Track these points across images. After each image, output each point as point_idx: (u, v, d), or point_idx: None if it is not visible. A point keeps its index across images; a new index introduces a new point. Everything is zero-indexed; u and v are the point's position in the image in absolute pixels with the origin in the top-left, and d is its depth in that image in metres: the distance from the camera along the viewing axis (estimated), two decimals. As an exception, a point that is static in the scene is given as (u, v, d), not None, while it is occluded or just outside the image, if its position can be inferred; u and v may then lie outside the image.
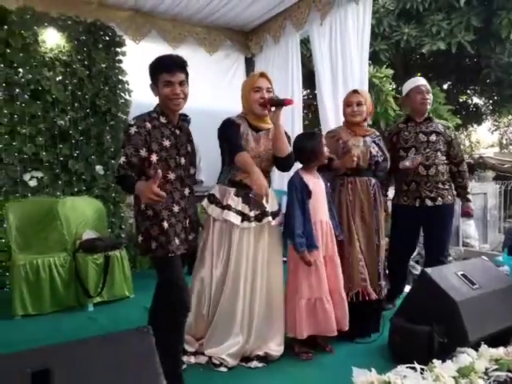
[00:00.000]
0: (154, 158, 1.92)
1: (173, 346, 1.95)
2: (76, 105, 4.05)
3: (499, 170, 11.56)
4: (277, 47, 5.03)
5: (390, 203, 3.14)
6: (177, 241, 1.97)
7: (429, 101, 2.98)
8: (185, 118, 2.14)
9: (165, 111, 2.00)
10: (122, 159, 1.87)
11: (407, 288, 3.05)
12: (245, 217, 2.28)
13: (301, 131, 4.75)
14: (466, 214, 3.03)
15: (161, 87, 1.95)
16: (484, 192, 7.79)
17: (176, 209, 1.98)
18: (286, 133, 2.36)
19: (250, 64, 5.63)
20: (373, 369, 1.75)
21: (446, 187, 2.94)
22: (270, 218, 2.33)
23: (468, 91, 10.53)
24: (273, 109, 2.25)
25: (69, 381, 1.32)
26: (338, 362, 2.25)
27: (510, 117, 12.74)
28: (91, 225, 3.58)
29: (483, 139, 17.84)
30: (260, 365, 2.24)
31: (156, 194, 1.65)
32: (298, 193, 2.36)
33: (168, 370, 1.81)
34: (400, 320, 2.26)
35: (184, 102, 1.99)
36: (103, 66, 4.20)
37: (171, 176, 1.97)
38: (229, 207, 2.28)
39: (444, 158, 2.93)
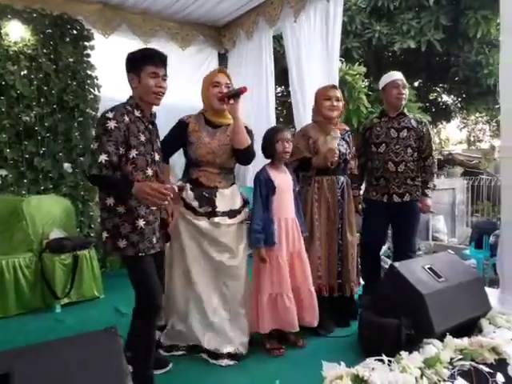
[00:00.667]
0: (133, 153, 1.87)
1: (143, 349, 1.92)
2: (42, 100, 3.92)
3: (467, 166, 11.92)
4: (250, 43, 5.01)
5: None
6: (154, 239, 1.93)
7: (404, 96, 2.99)
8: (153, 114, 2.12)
9: (140, 104, 1.95)
10: (104, 157, 1.77)
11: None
12: (195, 212, 2.32)
13: (274, 127, 4.77)
14: (422, 209, 3.00)
15: (145, 78, 1.89)
16: (452, 187, 8.01)
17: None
18: (246, 127, 2.37)
19: (223, 59, 5.59)
20: (342, 362, 1.77)
21: (415, 183, 2.97)
22: (226, 218, 2.33)
23: (438, 89, 10.79)
24: (231, 101, 2.27)
25: (30, 384, 1.28)
26: (309, 357, 2.27)
27: (477, 114, 13.14)
28: (58, 224, 3.47)
29: (452, 136, 18.36)
30: (231, 362, 2.24)
31: (165, 195, 1.67)
32: (263, 187, 2.36)
33: (139, 373, 1.80)
34: (369, 314, 2.30)
35: (163, 97, 1.97)
36: (71, 60, 4.07)
37: (149, 172, 1.93)
38: (183, 199, 2.34)
39: (415, 154, 2.96)
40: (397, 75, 3.03)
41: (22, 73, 3.82)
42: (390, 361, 1.81)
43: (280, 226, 2.37)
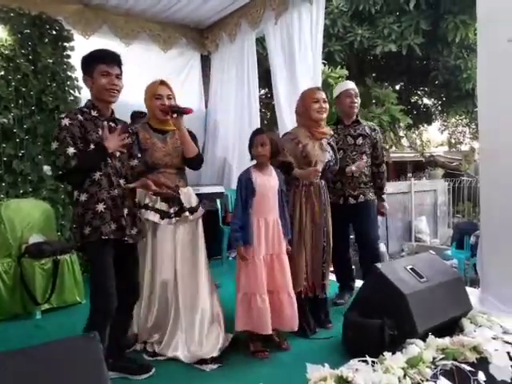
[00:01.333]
0: (92, 147, 1.94)
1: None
2: (20, 102, 3.83)
3: (448, 168, 12.17)
4: (233, 46, 5.00)
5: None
6: (113, 226, 1.96)
7: (356, 104, 3.15)
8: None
9: (97, 104, 2.02)
10: (71, 150, 1.86)
11: (359, 283, 3.12)
12: (165, 214, 2.40)
13: (258, 130, 4.77)
14: (380, 213, 3.27)
15: (97, 77, 1.97)
16: (434, 189, 8.16)
17: (115, 192, 1.99)
18: (191, 132, 2.50)
19: (206, 62, 5.57)
20: (326, 364, 1.77)
21: (368, 186, 3.15)
22: (186, 213, 2.44)
23: (418, 92, 10.97)
24: (174, 115, 2.37)
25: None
26: (293, 359, 2.26)
27: (457, 117, 13.40)
28: (38, 228, 3.39)
29: (433, 138, 18.69)
30: (215, 366, 2.22)
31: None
32: (243, 189, 2.38)
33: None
34: (352, 315, 2.31)
35: (119, 94, 2.03)
36: (50, 61, 4.00)
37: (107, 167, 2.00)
38: (146, 206, 2.40)
39: (369, 160, 3.14)
40: (350, 85, 3.22)
41: None
42: (373, 361, 1.82)
43: (259, 227, 2.36)
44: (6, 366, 1.31)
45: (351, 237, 3.56)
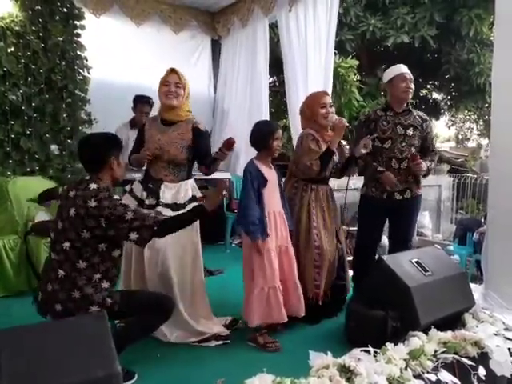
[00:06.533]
0: None
1: None
2: (29, 79, 3.81)
3: (454, 164, 12.10)
4: (245, 31, 4.95)
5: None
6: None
7: (411, 90, 2.87)
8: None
9: None
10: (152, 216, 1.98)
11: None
12: (140, 203, 2.40)
13: (267, 118, 4.74)
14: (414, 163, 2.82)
15: None
16: (439, 184, 8.11)
17: None
18: (206, 132, 2.57)
19: (216, 46, 5.52)
20: (329, 352, 1.79)
21: (415, 180, 2.90)
22: (168, 210, 2.34)
23: (428, 86, 10.86)
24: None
25: (17, 366, 1.27)
26: (296, 346, 2.28)
27: (466, 113, 13.28)
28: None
29: (440, 133, 18.56)
30: (220, 342, 2.31)
31: None
32: (254, 180, 2.34)
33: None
34: (356, 305, 2.32)
35: None
36: (60, 39, 3.97)
37: None
38: (131, 191, 2.48)
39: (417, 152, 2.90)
40: (404, 69, 2.90)
41: (9, 50, 3.71)
42: (375, 352, 1.83)
43: (269, 219, 2.37)
44: (18, 338, 1.33)
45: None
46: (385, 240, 4.00)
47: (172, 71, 2.46)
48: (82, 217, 1.82)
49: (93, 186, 1.89)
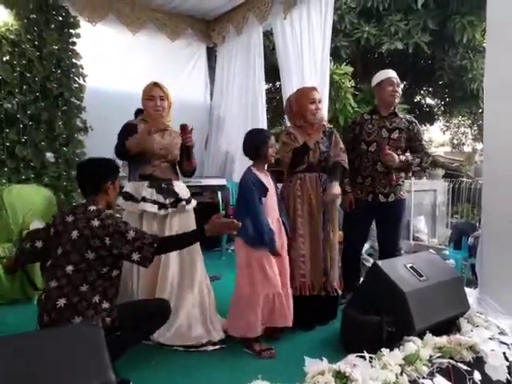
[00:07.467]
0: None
1: None
2: (25, 87, 3.82)
3: (448, 169, 12.16)
4: (240, 39, 4.99)
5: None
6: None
7: (397, 94, 2.93)
8: None
9: None
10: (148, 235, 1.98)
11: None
12: (161, 205, 2.47)
13: (264, 125, 4.76)
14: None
15: None
16: (434, 189, 8.14)
17: None
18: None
19: (211, 54, 5.56)
20: (324, 358, 1.78)
21: (400, 183, 2.96)
22: (184, 203, 2.54)
23: (422, 91, 10.93)
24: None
25: (9, 376, 1.26)
26: (291, 353, 2.27)
27: (460, 118, 13.37)
28: (39, 214, 3.38)
29: (435, 138, 18.66)
30: (217, 347, 2.34)
31: None
32: (256, 189, 2.32)
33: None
34: (351, 311, 2.32)
35: None
36: (55, 47, 3.98)
37: None
38: (144, 199, 2.46)
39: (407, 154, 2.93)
40: (391, 73, 2.97)
41: (5, 58, 3.72)
42: (371, 357, 1.83)
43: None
44: (12, 347, 1.33)
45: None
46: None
47: (155, 85, 2.54)
48: (86, 237, 1.83)
49: (92, 207, 1.93)
